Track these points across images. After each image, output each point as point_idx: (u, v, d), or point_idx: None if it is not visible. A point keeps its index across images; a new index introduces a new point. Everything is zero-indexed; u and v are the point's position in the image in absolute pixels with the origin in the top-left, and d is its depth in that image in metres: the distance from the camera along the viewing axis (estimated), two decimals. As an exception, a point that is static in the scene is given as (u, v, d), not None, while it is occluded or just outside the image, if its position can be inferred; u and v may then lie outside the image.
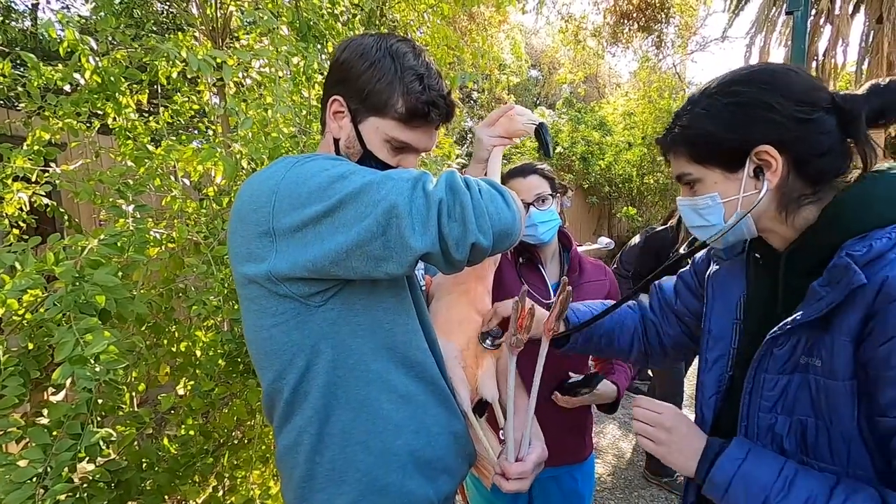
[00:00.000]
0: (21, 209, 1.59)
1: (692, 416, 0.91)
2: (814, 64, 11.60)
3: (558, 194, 1.53)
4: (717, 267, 0.95)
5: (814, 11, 11.04)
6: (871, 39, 11.00)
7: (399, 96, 0.86)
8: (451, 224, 0.72)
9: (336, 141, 0.93)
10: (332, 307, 0.82)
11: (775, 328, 0.74)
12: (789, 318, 0.72)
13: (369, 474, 0.84)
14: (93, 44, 1.52)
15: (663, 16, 13.41)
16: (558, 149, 11.33)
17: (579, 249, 1.53)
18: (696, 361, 1.13)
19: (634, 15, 13.20)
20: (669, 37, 14.30)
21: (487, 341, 1.02)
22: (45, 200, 1.66)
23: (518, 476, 0.92)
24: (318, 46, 1.91)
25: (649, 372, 3.93)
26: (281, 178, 0.76)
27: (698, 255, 1.04)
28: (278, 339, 0.82)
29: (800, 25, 2.30)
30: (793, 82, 0.74)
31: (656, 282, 1.13)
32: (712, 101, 0.78)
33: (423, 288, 1.13)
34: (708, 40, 17.60)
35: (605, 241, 4.16)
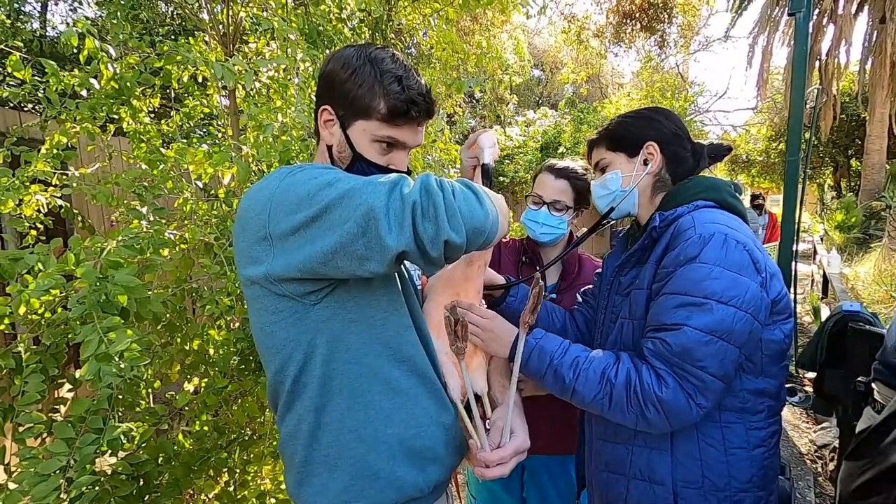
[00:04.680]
0: (39, 211, 1.64)
1: None
2: (817, 64, 11.59)
3: (583, 209, 1.58)
4: (611, 250, 1.34)
5: (816, 11, 11.01)
6: (874, 39, 10.99)
7: (380, 98, 0.92)
8: (425, 223, 0.76)
9: (329, 147, 1.00)
10: (327, 305, 0.88)
11: (622, 257, 1.16)
12: (627, 252, 1.14)
13: (361, 461, 0.91)
14: (111, 51, 1.56)
15: (666, 16, 13.42)
16: (560, 149, 11.35)
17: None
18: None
19: (637, 15, 13.22)
20: (672, 37, 14.32)
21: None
22: (60, 202, 1.71)
23: (497, 462, 0.98)
24: (328, 52, 1.95)
25: None
26: (276, 187, 0.83)
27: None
28: (279, 334, 0.89)
29: (802, 28, 2.31)
30: (672, 117, 1.20)
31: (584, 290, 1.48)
32: (624, 117, 1.22)
33: (420, 287, 1.19)
34: (711, 40, 17.62)
35: None
